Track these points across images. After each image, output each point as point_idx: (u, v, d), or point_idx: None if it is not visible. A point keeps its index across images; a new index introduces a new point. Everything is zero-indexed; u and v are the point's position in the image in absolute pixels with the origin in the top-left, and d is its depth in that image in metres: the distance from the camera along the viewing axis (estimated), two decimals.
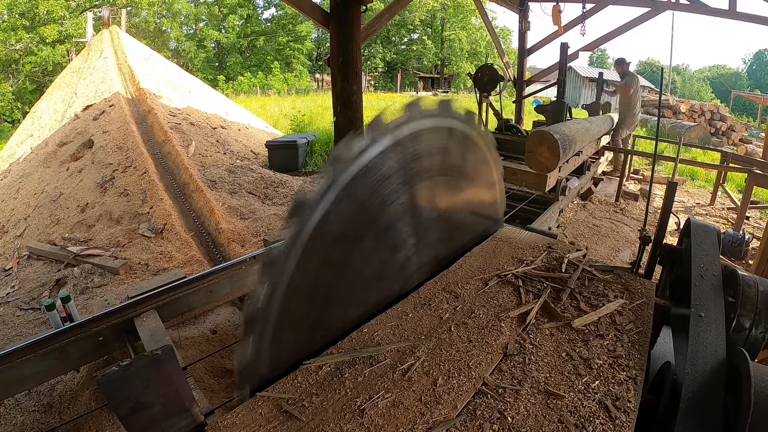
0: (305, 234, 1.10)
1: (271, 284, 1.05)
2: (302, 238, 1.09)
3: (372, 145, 1.25)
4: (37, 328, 2.96)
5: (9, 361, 1.86)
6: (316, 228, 1.12)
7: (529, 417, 1.00)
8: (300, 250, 1.10)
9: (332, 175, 1.14)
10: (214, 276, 2.61)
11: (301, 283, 1.13)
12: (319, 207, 1.12)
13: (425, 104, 1.44)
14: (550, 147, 3.32)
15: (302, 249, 1.10)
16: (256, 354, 1.08)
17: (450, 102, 1.55)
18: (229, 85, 30.19)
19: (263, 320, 1.07)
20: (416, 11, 33.77)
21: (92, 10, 18.20)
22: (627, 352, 1.20)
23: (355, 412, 1.02)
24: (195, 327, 2.86)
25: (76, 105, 7.14)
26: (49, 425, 2.15)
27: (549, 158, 3.36)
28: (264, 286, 1.04)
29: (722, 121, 14.00)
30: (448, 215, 1.72)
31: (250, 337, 1.05)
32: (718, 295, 1.23)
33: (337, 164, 1.16)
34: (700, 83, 42.79)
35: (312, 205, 1.10)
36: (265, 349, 1.10)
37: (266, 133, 9.09)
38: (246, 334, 1.05)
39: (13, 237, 4.64)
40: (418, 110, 1.41)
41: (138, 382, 0.93)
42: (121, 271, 3.56)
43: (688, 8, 6.66)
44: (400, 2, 4.85)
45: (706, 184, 7.71)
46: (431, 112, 1.47)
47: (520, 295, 1.49)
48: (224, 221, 4.32)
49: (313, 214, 1.10)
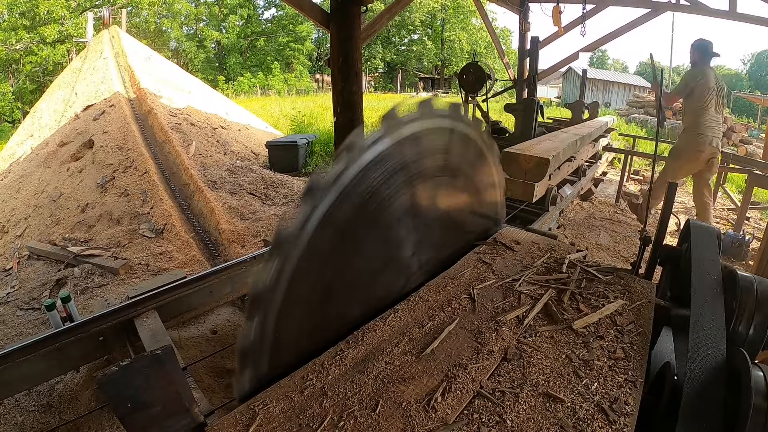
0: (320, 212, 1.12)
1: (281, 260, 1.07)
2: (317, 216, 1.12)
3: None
4: (37, 328, 2.96)
5: (9, 361, 1.86)
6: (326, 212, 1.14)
7: (528, 420, 0.99)
8: (309, 235, 1.11)
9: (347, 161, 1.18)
10: (214, 276, 2.61)
11: (309, 266, 1.14)
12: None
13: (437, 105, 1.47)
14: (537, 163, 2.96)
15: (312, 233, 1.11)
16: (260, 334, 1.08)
17: (459, 105, 1.58)
18: (229, 85, 30.23)
19: (269, 300, 1.07)
20: (416, 12, 33.82)
21: (92, 10, 18.20)
22: (627, 354, 1.20)
23: (351, 415, 1.02)
24: (195, 327, 2.86)
25: (77, 105, 7.14)
26: (49, 425, 2.15)
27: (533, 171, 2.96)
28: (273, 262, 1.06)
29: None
30: (448, 215, 1.72)
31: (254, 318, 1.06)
32: (718, 296, 1.23)
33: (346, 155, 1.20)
34: None
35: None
36: (268, 332, 1.10)
37: (266, 134, 9.09)
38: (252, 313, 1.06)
39: (13, 237, 4.64)
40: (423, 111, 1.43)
41: (138, 382, 0.93)
42: (121, 271, 3.57)
43: (688, 9, 6.66)
44: (400, 3, 4.86)
45: None
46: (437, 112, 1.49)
47: (520, 297, 1.49)
48: (224, 221, 4.32)
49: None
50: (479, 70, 5.07)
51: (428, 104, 1.45)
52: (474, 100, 5.15)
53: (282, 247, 1.06)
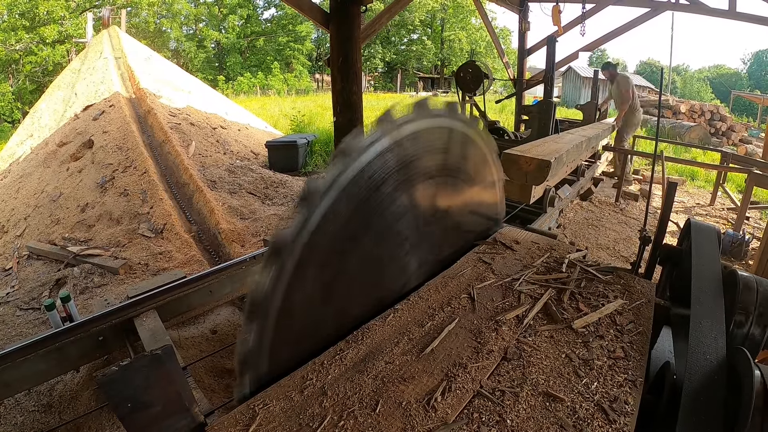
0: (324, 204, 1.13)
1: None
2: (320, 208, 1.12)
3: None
4: (37, 328, 2.95)
5: (9, 361, 1.86)
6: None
7: (528, 420, 0.99)
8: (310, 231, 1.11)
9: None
10: (214, 276, 2.61)
11: (312, 259, 1.14)
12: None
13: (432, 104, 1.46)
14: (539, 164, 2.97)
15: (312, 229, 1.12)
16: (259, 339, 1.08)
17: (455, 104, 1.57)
18: (229, 85, 30.22)
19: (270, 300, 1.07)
20: (416, 11, 33.82)
21: (92, 11, 18.21)
22: (627, 353, 1.20)
23: (351, 414, 1.02)
24: (195, 327, 2.86)
25: (76, 105, 7.14)
26: (49, 425, 2.15)
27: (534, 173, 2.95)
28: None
29: (722, 121, 14.00)
30: (448, 215, 1.72)
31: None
32: (718, 295, 1.23)
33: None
34: (699, 83, 42.77)
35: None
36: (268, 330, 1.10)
37: (266, 133, 9.09)
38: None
39: (13, 237, 4.64)
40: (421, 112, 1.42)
41: (138, 382, 0.93)
42: (121, 271, 3.57)
43: (687, 8, 6.66)
44: (400, 2, 4.86)
45: (706, 185, 7.72)
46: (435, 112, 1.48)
47: (520, 296, 1.49)
48: (224, 221, 4.32)
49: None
50: (477, 70, 5.05)
51: (424, 104, 1.44)
52: (471, 100, 5.11)
53: (282, 251, 1.06)
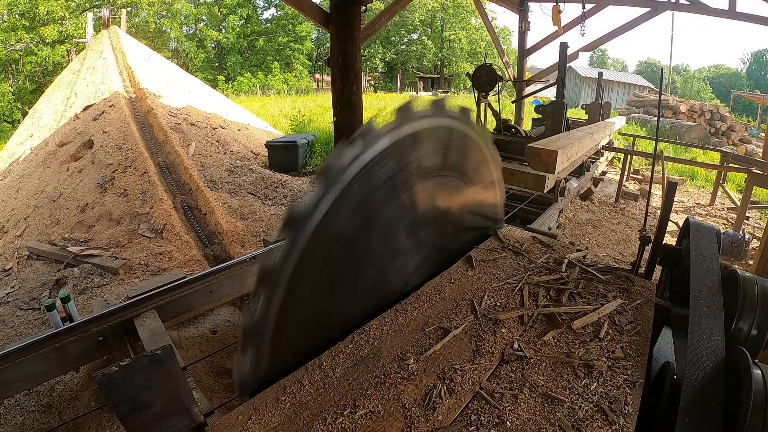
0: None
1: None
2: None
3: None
4: (37, 328, 2.95)
5: (9, 361, 1.86)
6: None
7: (527, 421, 0.99)
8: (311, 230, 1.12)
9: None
10: (214, 276, 2.61)
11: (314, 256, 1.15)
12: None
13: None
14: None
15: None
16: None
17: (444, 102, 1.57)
18: (229, 85, 30.19)
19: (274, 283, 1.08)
20: (416, 11, 33.78)
21: (92, 11, 18.19)
22: (626, 353, 1.20)
23: (351, 415, 1.02)
24: (195, 327, 2.86)
25: (76, 105, 7.13)
26: (49, 425, 2.15)
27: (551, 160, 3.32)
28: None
29: (722, 121, 14.01)
30: (448, 215, 1.72)
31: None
32: (717, 295, 1.23)
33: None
34: (699, 83, 42.74)
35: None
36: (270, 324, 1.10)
37: (266, 133, 9.09)
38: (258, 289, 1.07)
39: (13, 237, 4.63)
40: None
41: (138, 382, 0.93)
42: (120, 271, 3.56)
43: (687, 8, 6.66)
44: (400, 2, 4.86)
45: (706, 184, 7.72)
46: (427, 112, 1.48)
47: (520, 297, 1.49)
48: (224, 221, 4.32)
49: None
50: (492, 72, 5.28)
51: (408, 108, 1.43)
52: (485, 99, 5.28)
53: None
